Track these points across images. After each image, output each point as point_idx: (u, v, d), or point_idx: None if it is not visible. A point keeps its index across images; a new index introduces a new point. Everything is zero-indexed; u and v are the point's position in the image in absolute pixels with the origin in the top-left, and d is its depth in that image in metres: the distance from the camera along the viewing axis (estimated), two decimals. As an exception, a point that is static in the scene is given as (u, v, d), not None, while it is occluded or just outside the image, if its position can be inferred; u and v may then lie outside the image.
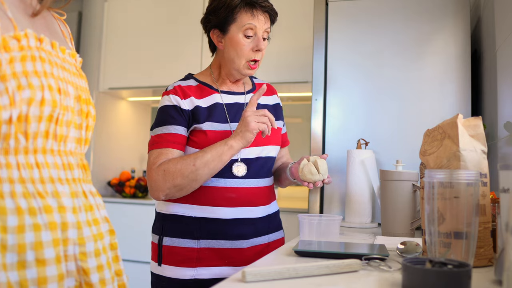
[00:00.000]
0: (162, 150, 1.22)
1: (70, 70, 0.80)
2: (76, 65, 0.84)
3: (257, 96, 1.21)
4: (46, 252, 0.67)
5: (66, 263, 0.71)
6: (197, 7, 2.98)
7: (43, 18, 0.83)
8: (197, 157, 1.18)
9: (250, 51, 1.26)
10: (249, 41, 1.26)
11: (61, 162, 0.74)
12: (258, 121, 1.17)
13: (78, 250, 0.73)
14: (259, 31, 1.26)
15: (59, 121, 0.73)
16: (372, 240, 1.16)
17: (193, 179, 1.18)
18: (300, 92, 3.03)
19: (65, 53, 0.81)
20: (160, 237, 1.26)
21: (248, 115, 1.17)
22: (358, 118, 1.67)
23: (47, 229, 0.68)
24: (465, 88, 1.58)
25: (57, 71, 0.75)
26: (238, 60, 1.27)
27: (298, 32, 2.71)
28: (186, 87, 1.30)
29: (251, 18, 1.25)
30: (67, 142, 0.76)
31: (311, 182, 1.25)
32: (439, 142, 0.89)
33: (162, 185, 1.19)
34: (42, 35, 0.74)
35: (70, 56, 0.83)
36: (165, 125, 1.25)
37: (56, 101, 0.72)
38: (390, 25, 1.67)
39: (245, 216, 1.26)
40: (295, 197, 3.15)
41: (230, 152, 1.19)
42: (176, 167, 1.18)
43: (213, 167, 1.19)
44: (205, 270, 1.22)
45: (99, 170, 3.17)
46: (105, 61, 3.19)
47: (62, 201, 0.72)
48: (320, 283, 0.70)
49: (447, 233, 0.75)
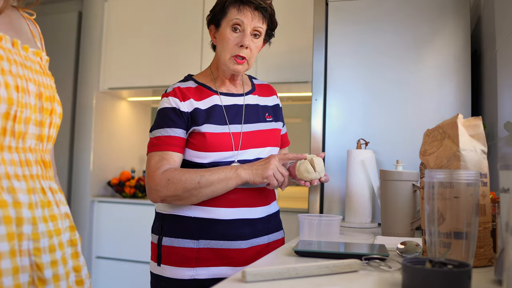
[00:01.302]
0: (163, 153, 1.22)
1: (32, 68, 0.81)
2: (41, 63, 0.86)
3: (292, 156, 1.24)
4: (1, 245, 0.69)
5: (21, 258, 0.72)
6: (197, 7, 2.98)
7: (7, 16, 0.85)
8: (203, 176, 1.19)
9: (234, 46, 1.26)
10: (235, 35, 1.26)
11: (18, 159, 0.76)
12: (275, 175, 1.21)
13: (32, 246, 0.74)
14: (247, 27, 1.25)
15: (17, 118, 0.75)
16: (372, 240, 1.16)
17: (194, 195, 1.20)
18: (300, 92, 3.03)
19: (28, 52, 0.83)
20: (160, 237, 1.26)
21: (273, 163, 1.21)
22: (358, 118, 1.67)
23: (1, 223, 0.69)
24: (465, 88, 1.58)
25: (16, 69, 0.76)
26: (224, 54, 1.27)
27: (298, 32, 2.71)
28: (185, 89, 1.29)
29: (237, 13, 1.25)
30: (26, 139, 0.78)
31: (307, 181, 1.25)
32: (439, 142, 0.89)
33: (163, 191, 1.19)
34: (1, 33, 0.76)
35: (34, 55, 0.85)
36: (164, 128, 1.25)
37: (12, 98, 0.73)
38: (390, 25, 1.67)
39: (245, 216, 1.26)
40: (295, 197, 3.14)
41: (236, 181, 1.21)
42: (181, 179, 1.19)
43: (216, 189, 1.20)
44: (204, 270, 1.22)
45: (99, 170, 3.17)
46: (105, 61, 3.19)
47: (18, 197, 0.73)
48: (320, 283, 0.70)
49: (447, 233, 0.75)
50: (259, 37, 1.29)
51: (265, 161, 1.22)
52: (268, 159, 1.23)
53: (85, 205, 3.05)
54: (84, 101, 3.17)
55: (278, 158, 1.23)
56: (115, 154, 3.36)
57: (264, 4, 1.26)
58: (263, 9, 1.26)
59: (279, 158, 1.23)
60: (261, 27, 1.28)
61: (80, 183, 3.10)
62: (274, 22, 1.34)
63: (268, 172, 1.20)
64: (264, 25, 1.29)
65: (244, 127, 1.31)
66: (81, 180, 3.10)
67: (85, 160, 3.11)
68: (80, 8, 3.33)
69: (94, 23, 3.20)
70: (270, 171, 1.20)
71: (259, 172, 1.20)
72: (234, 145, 1.26)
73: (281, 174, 1.21)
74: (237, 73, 1.31)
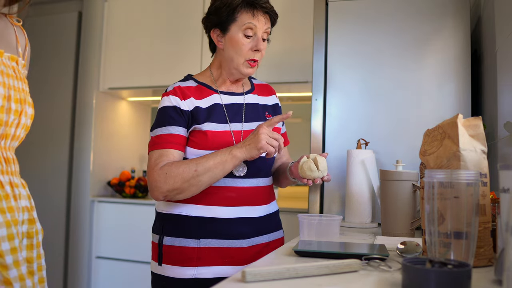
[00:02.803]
0: (163, 151, 1.22)
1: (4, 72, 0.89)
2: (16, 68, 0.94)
3: (278, 119, 1.20)
4: None
5: None
6: (197, 7, 2.98)
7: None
8: (199, 163, 1.18)
9: (249, 50, 1.27)
10: (248, 40, 1.27)
11: None
12: (269, 142, 1.17)
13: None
14: (259, 31, 1.27)
15: None
16: (372, 240, 1.16)
17: (194, 185, 1.18)
18: (300, 92, 3.03)
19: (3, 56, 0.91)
20: (161, 236, 1.26)
21: (262, 132, 1.18)
22: (358, 118, 1.67)
23: None
24: (465, 88, 1.58)
25: None
26: (237, 59, 1.28)
27: (298, 32, 2.71)
28: (186, 88, 1.30)
29: (252, 18, 1.26)
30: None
31: (310, 179, 1.25)
32: (439, 142, 0.89)
33: (163, 187, 1.19)
34: None
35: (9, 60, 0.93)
36: (165, 126, 1.25)
37: None
38: (390, 25, 1.67)
39: (245, 215, 1.26)
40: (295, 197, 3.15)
41: (233, 162, 1.19)
42: (178, 171, 1.18)
43: (215, 175, 1.19)
44: (205, 269, 1.22)
45: (99, 170, 3.18)
46: (105, 61, 3.19)
47: None
48: (320, 283, 0.70)
49: (447, 233, 0.75)
50: (266, 39, 1.32)
51: (254, 133, 1.19)
52: (257, 129, 1.19)
53: (85, 205, 3.05)
54: (84, 101, 3.17)
55: (265, 125, 1.20)
56: (115, 154, 3.36)
57: (272, 8, 1.30)
58: (273, 12, 1.30)
59: (267, 124, 1.20)
60: (270, 29, 1.32)
61: (80, 183, 3.10)
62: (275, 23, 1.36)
63: (261, 142, 1.17)
64: (271, 28, 1.33)
65: (244, 126, 1.31)
66: (81, 180, 3.10)
67: (85, 160, 3.11)
68: (80, 8, 3.33)
69: (94, 23, 3.20)
70: (262, 140, 1.17)
71: (252, 146, 1.18)
72: (235, 143, 1.26)
73: (274, 139, 1.18)
74: (247, 76, 1.33)
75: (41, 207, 3.15)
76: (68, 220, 3.13)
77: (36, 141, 3.26)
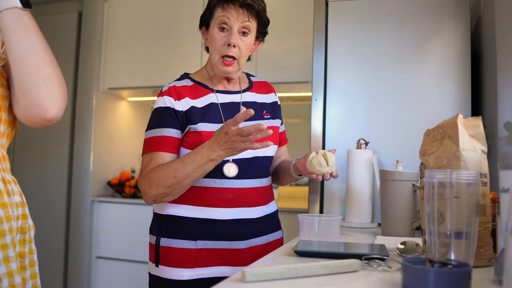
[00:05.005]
0: (153, 154, 1.22)
1: None
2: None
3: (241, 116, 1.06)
4: None
5: None
6: (197, 7, 2.98)
7: None
8: (177, 169, 1.15)
9: (223, 46, 1.25)
10: (222, 35, 1.26)
11: None
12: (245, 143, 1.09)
13: None
14: (234, 25, 1.24)
15: None
16: (372, 240, 1.16)
17: (177, 189, 1.18)
18: (300, 92, 3.03)
19: None
20: (158, 238, 1.26)
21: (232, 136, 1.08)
22: (358, 118, 1.67)
23: None
24: (465, 88, 1.58)
25: None
26: (214, 55, 1.28)
27: (298, 32, 2.71)
28: (181, 88, 1.29)
29: (222, 11, 1.25)
30: None
31: (319, 174, 1.25)
32: (439, 142, 0.89)
33: (149, 192, 1.19)
34: None
35: None
36: (157, 128, 1.24)
37: None
38: (390, 25, 1.67)
39: (243, 216, 1.26)
40: (295, 197, 3.15)
41: (213, 163, 1.15)
42: (159, 178, 1.16)
43: (195, 178, 1.17)
44: (202, 270, 1.22)
45: (99, 170, 3.17)
46: (105, 61, 3.19)
47: None
48: (320, 283, 0.69)
49: (447, 233, 0.75)
50: (248, 34, 1.27)
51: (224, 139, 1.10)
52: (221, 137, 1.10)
53: (85, 205, 3.05)
54: (84, 101, 3.17)
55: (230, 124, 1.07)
56: (115, 154, 3.36)
57: (249, 1, 1.24)
58: (249, 6, 1.24)
59: (231, 123, 1.08)
60: (249, 24, 1.26)
61: (80, 183, 3.11)
62: (264, 18, 1.31)
63: (240, 146, 1.09)
64: (253, 22, 1.27)
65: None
66: (81, 180, 3.10)
67: (85, 160, 3.11)
68: (80, 8, 3.33)
69: (94, 23, 3.20)
70: (239, 144, 1.09)
71: (230, 151, 1.12)
72: None
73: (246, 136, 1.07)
74: (228, 75, 1.30)
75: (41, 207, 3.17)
76: (68, 220, 3.13)
77: (36, 141, 3.26)
